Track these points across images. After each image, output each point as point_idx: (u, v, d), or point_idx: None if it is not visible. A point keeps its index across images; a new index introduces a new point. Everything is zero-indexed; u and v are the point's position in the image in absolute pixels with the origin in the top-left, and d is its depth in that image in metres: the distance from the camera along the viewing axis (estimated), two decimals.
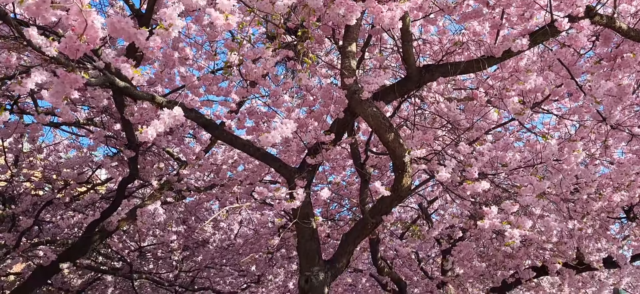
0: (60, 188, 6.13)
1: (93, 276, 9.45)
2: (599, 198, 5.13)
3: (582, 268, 6.57)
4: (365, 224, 4.93)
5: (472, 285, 9.82)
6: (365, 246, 7.85)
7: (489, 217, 4.08)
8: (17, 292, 6.63)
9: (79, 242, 6.37)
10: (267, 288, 11.00)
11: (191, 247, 9.66)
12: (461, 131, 4.72)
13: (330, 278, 5.00)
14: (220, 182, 6.81)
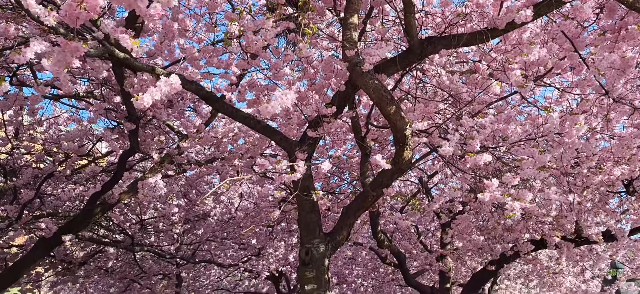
0: (61, 161, 6.14)
1: (95, 248, 9.52)
2: (599, 172, 5.14)
3: (581, 241, 6.62)
4: (365, 197, 4.95)
5: (470, 258, 9.92)
6: (365, 220, 7.90)
7: (489, 190, 4.09)
8: (20, 264, 6.70)
9: (81, 214, 6.40)
10: (267, 260, 11.11)
11: (192, 220, 9.72)
12: (463, 104, 4.71)
13: (330, 250, 5.04)
14: (220, 156, 6.82)
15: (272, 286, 16.07)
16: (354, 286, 16.78)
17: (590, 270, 11.30)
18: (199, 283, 15.00)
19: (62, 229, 6.18)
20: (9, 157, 6.60)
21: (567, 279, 13.94)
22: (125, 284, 11.49)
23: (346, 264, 14.83)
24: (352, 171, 6.87)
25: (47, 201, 7.42)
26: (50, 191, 7.73)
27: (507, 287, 16.77)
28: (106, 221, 8.98)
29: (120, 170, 6.12)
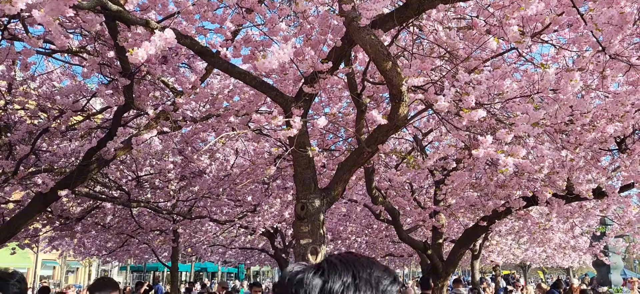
0: (55, 117, 6.11)
1: (92, 204, 9.59)
2: (592, 129, 5.18)
3: (572, 197, 6.73)
4: (361, 153, 4.99)
5: (463, 215, 10.09)
6: (360, 176, 7.97)
7: (483, 146, 4.13)
8: (18, 219, 6.75)
9: (77, 170, 6.42)
10: (263, 217, 11.24)
11: (188, 177, 9.77)
12: (459, 61, 4.69)
13: (325, 205, 5.11)
14: (216, 112, 6.81)
15: (267, 242, 16.35)
16: (348, 242, 17.09)
17: (580, 227, 11.53)
18: (196, 238, 15.22)
19: (58, 184, 6.21)
20: (3, 113, 6.56)
21: (556, 236, 14.25)
22: (123, 240, 11.65)
23: (340, 221, 15.05)
24: (347, 128, 6.89)
25: (43, 157, 7.43)
26: (45, 147, 7.73)
27: (497, 243, 17.14)
28: (102, 177, 9.02)
29: (115, 126, 6.10)
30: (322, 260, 1.10)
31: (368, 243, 17.29)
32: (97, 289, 3.51)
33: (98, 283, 3.62)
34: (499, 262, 20.40)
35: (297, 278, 1.07)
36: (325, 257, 1.11)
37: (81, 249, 13.75)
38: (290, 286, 1.06)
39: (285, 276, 1.11)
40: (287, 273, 1.11)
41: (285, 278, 1.10)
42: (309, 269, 1.08)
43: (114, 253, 14.06)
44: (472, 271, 15.97)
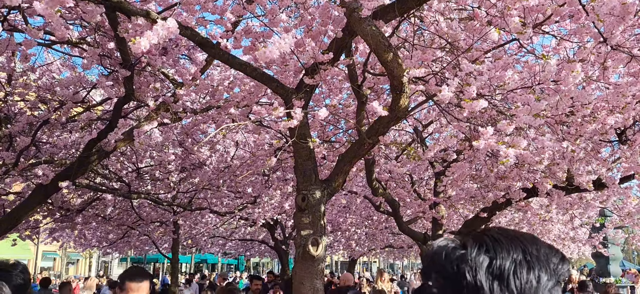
0: (56, 108, 6.11)
1: (92, 195, 9.60)
2: (593, 120, 5.18)
3: (572, 189, 6.74)
4: (361, 144, 4.99)
5: (462, 206, 10.11)
6: (360, 167, 7.98)
7: (484, 137, 4.13)
8: (18, 210, 6.77)
9: (77, 162, 6.42)
10: (263, 208, 11.26)
11: (188, 169, 9.78)
12: (460, 52, 4.68)
13: (326, 197, 5.12)
14: (216, 104, 6.80)
15: (267, 234, 16.39)
16: (348, 234, 17.14)
17: (579, 218, 11.56)
18: (196, 230, 15.25)
19: (59, 176, 6.22)
20: (3, 104, 6.55)
21: (555, 227, 14.28)
22: (123, 231, 11.67)
23: (340, 213, 15.08)
24: (348, 120, 6.89)
25: (43, 149, 7.43)
26: (45, 139, 7.73)
27: None
28: (103, 169, 9.03)
29: (116, 118, 6.10)
30: (479, 235, 1.00)
31: (368, 235, 17.35)
32: (128, 278, 3.48)
33: (131, 271, 3.61)
34: None
35: (458, 254, 0.98)
36: (482, 232, 1.01)
37: (82, 241, 13.78)
38: (449, 263, 0.98)
39: (440, 251, 1.01)
40: (441, 248, 1.01)
41: (442, 254, 1.00)
42: (471, 245, 0.98)
43: (114, 245, 14.09)
44: None
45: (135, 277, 3.55)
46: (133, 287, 3.47)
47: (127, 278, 3.52)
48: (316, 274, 4.93)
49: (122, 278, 3.57)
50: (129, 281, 3.49)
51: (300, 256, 4.91)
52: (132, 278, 3.54)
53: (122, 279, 3.55)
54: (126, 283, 3.47)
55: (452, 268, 0.98)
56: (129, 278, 3.52)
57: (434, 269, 1.01)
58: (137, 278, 3.55)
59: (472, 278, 0.94)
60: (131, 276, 3.53)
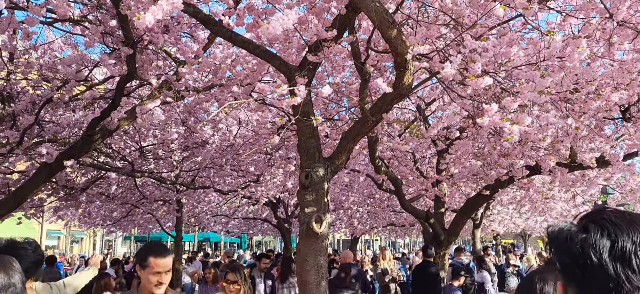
0: (58, 87, 6.10)
1: (96, 174, 9.65)
2: (597, 97, 5.16)
3: (575, 166, 6.74)
4: (364, 122, 4.99)
5: (465, 184, 10.13)
6: (363, 145, 7.99)
7: (488, 114, 4.12)
8: (23, 189, 6.80)
9: (81, 140, 6.44)
10: (266, 187, 11.30)
11: (191, 147, 9.80)
12: (464, 29, 4.64)
13: (329, 174, 5.14)
14: (218, 82, 6.78)
15: (270, 212, 16.47)
16: (350, 212, 17.22)
17: (581, 196, 11.58)
18: (199, 209, 15.34)
19: (63, 154, 6.24)
20: (6, 83, 6.55)
21: (558, 205, 14.33)
22: (127, 209, 11.74)
23: (343, 191, 15.13)
24: (351, 97, 6.87)
25: (47, 128, 7.44)
26: (48, 118, 7.74)
27: (499, 212, 17.25)
28: (106, 147, 9.05)
29: (119, 96, 6.09)
30: (599, 219, 1.11)
31: (370, 213, 17.43)
32: (153, 253, 3.14)
33: (154, 246, 3.25)
34: (500, 231, 20.58)
35: (581, 238, 1.09)
36: (601, 216, 1.12)
37: (86, 219, 13.88)
38: (574, 245, 1.10)
39: (562, 234, 1.12)
40: (564, 231, 1.12)
41: (565, 237, 1.12)
42: (593, 229, 1.09)
43: (118, 223, 14.19)
44: (473, 240, 16.13)
45: (161, 252, 3.19)
46: (159, 264, 3.13)
47: (151, 254, 3.15)
48: (320, 251, 4.97)
49: (144, 254, 3.19)
50: (154, 257, 3.14)
51: (304, 233, 4.95)
52: (157, 253, 3.16)
53: (144, 255, 3.18)
54: (150, 259, 3.13)
55: (578, 250, 1.10)
56: (154, 253, 3.16)
57: (558, 251, 1.16)
58: (163, 253, 3.19)
59: (598, 259, 1.07)
60: (156, 251, 3.17)
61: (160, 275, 3.12)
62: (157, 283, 3.12)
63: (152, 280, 3.11)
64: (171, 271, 3.21)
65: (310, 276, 4.87)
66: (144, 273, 3.14)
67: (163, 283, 3.14)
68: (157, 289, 3.14)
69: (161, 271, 3.12)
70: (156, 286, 3.12)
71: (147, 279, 3.13)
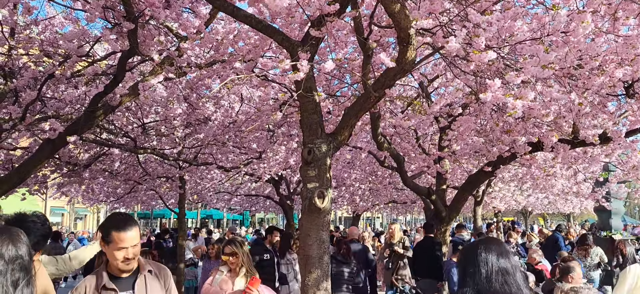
0: (60, 62, 6.09)
1: (99, 151, 9.67)
2: (601, 73, 5.13)
3: (577, 143, 6.73)
4: (367, 97, 4.98)
5: (467, 161, 10.15)
6: (366, 121, 7.98)
7: (491, 90, 4.11)
8: (27, 164, 6.83)
9: (84, 116, 6.45)
10: (268, 163, 11.33)
11: (193, 124, 9.80)
12: (468, 3, 4.60)
13: (332, 150, 5.15)
14: (221, 58, 6.75)
15: (272, 189, 16.55)
16: (352, 189, 17.29)
17: (583, 173, 11.60)
18: (202, 186, 15.41)
19: (66, 130, 6.25)
20: (7, 58, 6.53)
21: (559, 182, 14.37)
22: (131, 186, 11.80)
23: (345, 168, 15.17)
24: (354, 73, 6.85)
25: (49, 104, 7.44)
26: (50, 94, 7.73)
27: (500, 189, 17.30)
28: (108, 124, 9.06)
29: (121, 72, 6.08)
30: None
31: (371, 190, 17.50)
32: (114, 226, 2.92)
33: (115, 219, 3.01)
34: (501, 208, 20.65)
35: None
36: None
37: (90, 196, 13.97)
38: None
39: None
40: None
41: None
42: None
43: (122, 200, 14.28)
44: (474, 217, 16.21)
45: (125, 225, 2.92)
46: (123, 238, 2.89)
47: (113, 228, 2.91)
48: (322, 226, 5.01)
49: (107, 229, 2.94)
50: (116, 231, 2.89)
51: (306, 209, 4.98)
52: (120, 226, 2.91)
53: (107, 230, 2.93)
54: (113, 234, 2.89)
55: None
56: (117, 227, 2.90)
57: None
58: (126, 226, 2.92)
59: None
60: (118, 225, 2.92)
61: (126, 250, 2.91)
62: (124, 259, 2.92)
63: (117, 256, 2.91)
64: (139, 245, 2.97)
65: (312, 251, 4.92)
66: (109, 249, 2.92)
67: (130, 258, 2.93)
68: (125, 265, 2.94)
69: (127, 246, 2.90)
70: (123, 262, 2.93)
71: (112, 256, 2.92)
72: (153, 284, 3.10)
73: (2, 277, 2.10)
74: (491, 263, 2.22)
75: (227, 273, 5.42)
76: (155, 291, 3.10)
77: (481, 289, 2.19)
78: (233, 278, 5.31)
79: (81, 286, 2.97)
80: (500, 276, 2.19)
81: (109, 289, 2.92)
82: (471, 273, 2.24)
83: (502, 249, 2.29)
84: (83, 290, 2.95)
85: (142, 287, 3.04)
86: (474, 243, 2.40)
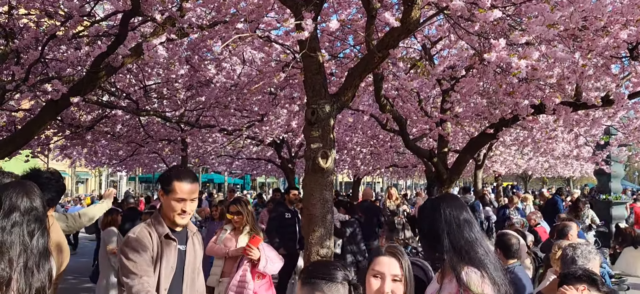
0: (62, 22, 6.05)
1: (101, 113, 9.69)
2: (605, 34, 5.11)
3: (580, 105, 6.74)
4: (371, 58, 4.97)
5: (469, 124, 10.17)
6: (369, 83, 7.97)
7: (496, 49, 4.11)
8: (31, 125, 6.87)
9: (86, 77, 6.45)
10: (270, 126, 11.36)
11: (195, 86, 9.78)
12: None
13: (336, 111, 5.17)
14: (222, 19, 6.70)
15: (274, 153, 16.62)
16: (353, 153, 17.36)
17: (584, 136, 11.64)
18: (203, 149, 15.48)
19: (69, 91, 6.26)
20: (8, 18, 6.49)
21: (559, 146, 14.43)
22: (133, 148, 11.87)
23: (347, 132, 15.19)
24: (358, 33, 6.81)
25: (51, 65, 7.43)
26: (51, 55, 7.70)
27: (501, 153, 17.38)
28: (110, 86, 9.06)
29: (123, 32, 6.05)
30: None
31: (373, 154, 17.57)
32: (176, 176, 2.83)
33: (178, 170, 2.96)
34: (502, 172, 20.78)
35: None
36: None
37: (92, 158, 14.06)
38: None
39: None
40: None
41: None
42: None
43: (124, 162, 14.37)
44: (474, 181, 16.32)
45: (187, 176, 2.84)
46: (185, 189, 2.80)
47: (176, 177, 2.82)
48: (325, 186, 5.07)
49: (168, 178, 2.84)
50: (178, 181, 2.80)
51: (310, 169, 5.03)
52: (183, 177, 2.82)
53: (168, 179, 2.83)
54: (174, 183, 2.80)
55: None
56: (180, 177, 2.82)
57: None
58: (189, 178, 2.84)
59: None
60: (182, 175, 2.83)
61: (185, 203, 2.81)
62: (181, 212, 2.82)
63: (175, 207, 2.81)
64: (196, 201, 2.90)
65: (316, 210, 4.99)
66: (167, 199, 2.83)
67: (187, 212, 2.84)
68: (180, 218, 2.84)
69: (186, 199, 2.81)
70: (179, 215, 2.83)
71: (169, 206, 2.82)
72: (197, 249, 3.06)
73: (19, 227, 2.17)
74: (456, 216, 2.41)
75: (230, 231, 5.55)
76: (198, 255, 3.07)
77: (453, 240, 2.36)
78: (237, 235, 5.44)
79: (143, 233, 2.79)
80: (467, 227, 2.40)
81: (171, 239, 2.85)
82: (441, 227, 2.41)
83: (461, 203, 2.51)
84: (147, 236, 2.78)
85: (192, 247, 3.00)
86: (435, 200, 2.58)
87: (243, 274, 5.03)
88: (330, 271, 1.89)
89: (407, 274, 2.23)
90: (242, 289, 4.98)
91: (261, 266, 4.97)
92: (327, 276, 1.87)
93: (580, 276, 2.99)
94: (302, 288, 1.90)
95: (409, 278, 2.24)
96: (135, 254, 2.69)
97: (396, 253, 2.27)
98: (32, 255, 2.20)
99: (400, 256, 2.26)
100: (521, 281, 4.42)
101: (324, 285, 1.85)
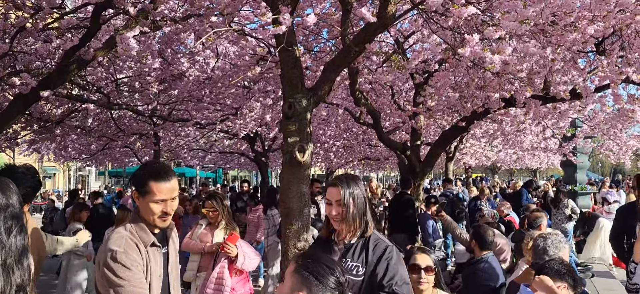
0: (31, 14, 5.89)
1: (71, 106, 9.48)
2: (574, 30, 5.27)
3: (549, 98, 6.94)
4: (348, 52, 5.01)
5: (441, 117, 10.35)
6: (344, 77, 8.02)
7: (470, 44, 4.20)
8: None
9: (56, 70, 6.31)
10: (244, 119, 11.31)
11: (168, 80, 9.66)
12: None
13: (312, 105, 5.19)
14: (197, 12, 6.63)
15: (247, 146, 16.56)
16: (327, 146, 17.43)
17: (551, 129, 11.97)
18: (175, 143, 15.31)
19: (39, 84, 6.12)
20: None
21: (527, 138, 14.81)
22: (104, 143, 11.65)
23: (320, 125, 15.23)
24: (333, 26, 6.83)
25: (20, 58, 7.23)
26: (20, 48, 7.49)
27: (472, 145, 17.73)
28: (81, 79, 8.87)
29: (95, 25, 5.93)
30: None
31: (345, 147, 17.67)
32: (153, 176, 2.46)
33: (153, 168, 2.53)
34: (472, 164, 21.18)
35: None
36: None
37: (62, 153, 13.74)
38: None
39: None
40: None
41: None
42: None
43: (94, 157, 14.10)
44: (446, 173, 16.60)
45: (165, 175, 2.45)
46: (163, 189, 2.43)
47: (150, 177, 2.44)
48: (302, 180, 5.10)
49: (143, 178, 2.46)
50: (155, 181, 2.43)
51: (287, 163, 5.05)
52: (160, 176, 2.44)
53: (142, 179, 2.46)
54: (151, 184, 2.43)
55: None
56: (156, 177, 2.44)
57: None
58: (167, 176, 2.46)
59: None
60: (158, 174, 2.45)
61: (166, 203, 2.45)
62: (162, 214, 2.46)
63: (155, 210, 2.44)
64: (177, 199, 2.52)
65: (293, 203, 5.01)
66: (144, 202, 2.45)
67: (168, 213, 2.47)
68: (162, 222, 2.48)
69: (166, 199, 2.44)
70: (160, 218, 2.47)
71: (148, 210, 2.45)
72: (177, 246, 2.79)
73: None
74: None
75: (206, 226, 5.53)
76: (177, 251, 2.80)
77: None
78: (212, 230, 5.42)
79: (129, 245, 2.41)
80: None
81: (157, 246, 2.53)
82: None
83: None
84: (135, 248, 2.42)
85: (173, 247, 2.72)
86: None
87: (221, 270, 5.03)
88: (325, 272, 1.85)
89: (345, 198, 2.61)
90: (219, 286, 4.98)
91: (239, 263, 4.97)
92: (320, 278, 1.83)
93: (562, 274, 2.97)
94: (293, 274, 1.87)
95: (347, 201, 2.61)
96: (126, 272, 2.33)
97: (336, 183, 2.68)
98: (10, 253, 2.16)
99: (340, 184, 2.65)
100: (495, 270, 4.55)
101: (313, 285, 1.83)
